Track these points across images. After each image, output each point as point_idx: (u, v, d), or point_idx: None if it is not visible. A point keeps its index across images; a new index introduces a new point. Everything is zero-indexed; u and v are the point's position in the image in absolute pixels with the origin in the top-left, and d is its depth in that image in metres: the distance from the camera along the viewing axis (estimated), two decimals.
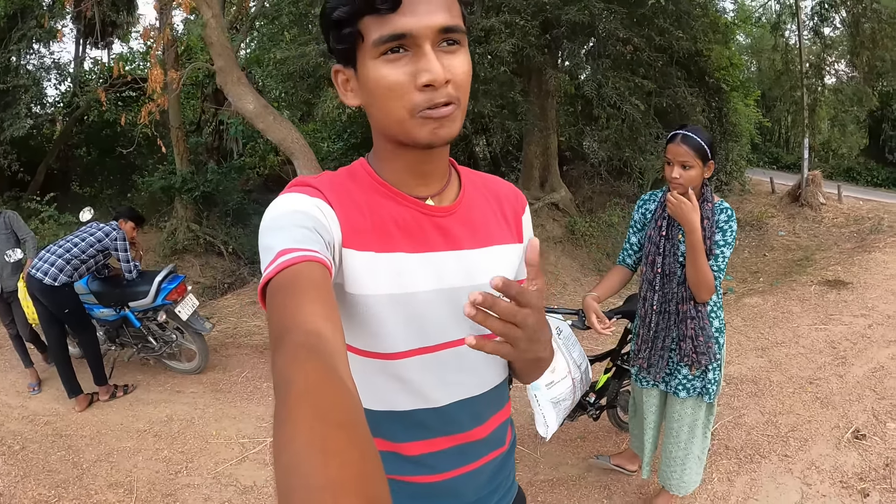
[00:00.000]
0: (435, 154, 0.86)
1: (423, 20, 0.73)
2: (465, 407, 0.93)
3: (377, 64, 0.76)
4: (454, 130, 0.80)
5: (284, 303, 0.63)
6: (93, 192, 13.30)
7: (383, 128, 0.83)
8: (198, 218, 10.89)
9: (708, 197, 2.16)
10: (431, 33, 0.73)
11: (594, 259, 9.14)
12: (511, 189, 1.04)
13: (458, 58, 0.77)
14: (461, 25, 0.77)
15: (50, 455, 3.49)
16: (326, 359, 0.55)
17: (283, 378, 0.51)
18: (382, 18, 0.73)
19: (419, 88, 0.75)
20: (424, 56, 0.74)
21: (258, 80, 10.16)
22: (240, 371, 4.73)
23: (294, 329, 0.59)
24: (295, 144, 5.66)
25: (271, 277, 0.67)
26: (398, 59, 0.75)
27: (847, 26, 11.14)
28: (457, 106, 0.78)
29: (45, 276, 3.86)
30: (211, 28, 5.57)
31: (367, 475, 0.43)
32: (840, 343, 4.41)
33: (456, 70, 0.76)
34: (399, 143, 0.83)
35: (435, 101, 0.75)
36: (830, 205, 10.73)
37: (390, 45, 0.74)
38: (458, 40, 0.77)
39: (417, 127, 0.78)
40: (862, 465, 2.86)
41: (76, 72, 13.67)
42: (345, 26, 0.76)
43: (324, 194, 0.83)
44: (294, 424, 0.45)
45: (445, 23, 0.74)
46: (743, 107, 13.16)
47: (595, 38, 8.23)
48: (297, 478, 0.41)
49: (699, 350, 2.20)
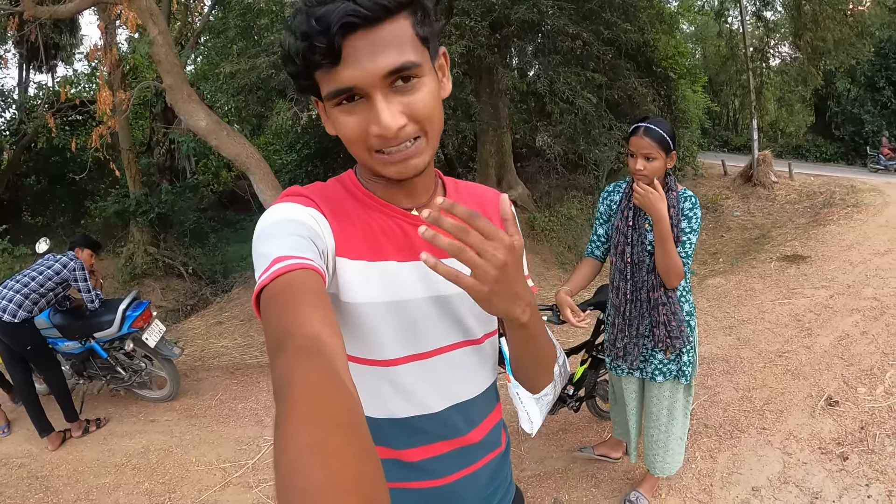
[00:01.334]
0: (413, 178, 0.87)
1: (366, 69, 0.72)
2: (459, 411, 0.95)
3: (336, 112, 0.77)
4: (422, 163, 0.80)
5: (281, 308, 0.63)
6: (45, 222, 12.88)
7: (357, 160, 0.86)
8: (155, 241, 10.69)
9: (672, 186, 2.20)
10: (378, 80, 0.72)
11: (556, 253, 9.27)
12: (494, 194, 1.05)
13: (417, 93, 0.76)
14: (412, 61, 0.74)
15: (28, 499, 3.36)
16: (326, 361, 0.55)
17: (282, 380, 0.51)
18: (329, 72, 0.73)
19: (374, 135, 0.76)
20: (374, 106, 0.74)
21: (207, 96, 9.99)
22: (213, 394, 4.64)
23: (293, 333, 0.59)
24: (250, 159, 5.58)
25: (266, 284, 0.67)
26: (354, 107, 0.76)
27: (788, 9, 11.52)
28: (422, 138, 0.79)
29: (4, 314, 3.71)
30: (158, 45, 5.45)
31: (367, 476, 0.43)
32: (804, 315, 4.57)
33: (416, 106, 0.75)
34: (374, 174, 0.85)
35: (390, 147, 0.76)
36: (782, 182, 11.09)
37: (341, 97, 0.75)
38: (413, 75, 0.75)
39: (381, 166, 0.79)
40: (838, 431, 2.96)
41: (21, 98, 13.22)
42: (300, 79, 0.78)
43: (317, 204, 0.84)
44: (294, 426, 0.45)
45: (392, 65, 0.72)
46: (691, 93, 13.51)
47: (544, 35, 8.34)
48: (296, 478, 0.41)
49: (672, 335, 2.25)
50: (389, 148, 0.77)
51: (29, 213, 13.59)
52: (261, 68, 7.29)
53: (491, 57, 7.94)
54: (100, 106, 5.83)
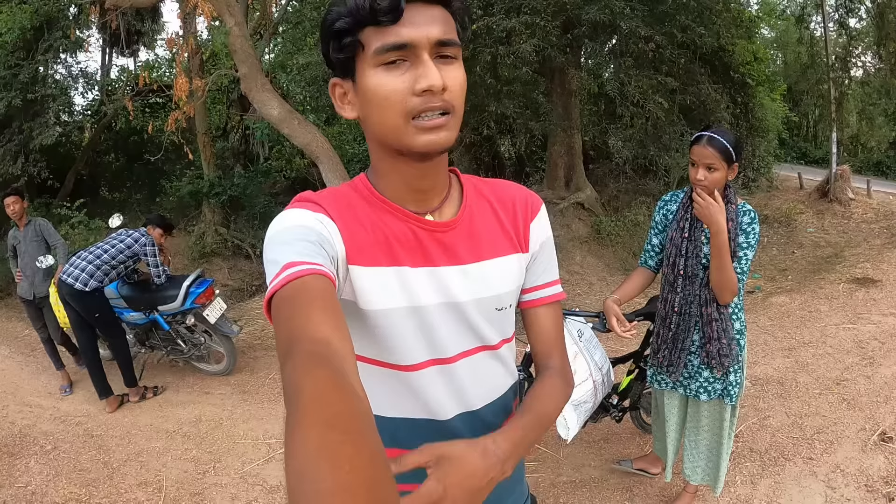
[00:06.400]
0: (432, 168, 0.87)
1: (422, 31, 0.76)
2: (467, 421, 0.95)
3: (377, 72, 0.78)
4: (449, 139, 0.81)
5: (291, 314, 0.64)
6: (122, 198, 13.54)
7: (380, 137, 0.84)
8: (225, 221, 11.03)
9: (731, 199, 2.14)
10: (429, 44, 0.76)
11: (620, 258, 9.07)
12: (523, 195, 1.02)
13: (453, 70, 0.80)
14: (456, 40, 0.80)
15: (81, 455, 3.59)
16: (336, 366, 0.56)
17: (293, 386, 0.52)
18: (383, 29, 0.76)
19: (417, 94, 0.77)
20: (423, 64, 0.77)
21: (283, 85, 10.28)
22: (267, 373, 4.80)
23: (303, 338, 0.60)
24: (319, 148, 5.73)
25: (277, 290, 0.69)
26: (397, 68, 0.78)
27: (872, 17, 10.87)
28: (451, 115, 0.80)
29: (77, 282, 3.97)
30: (234, 36, 5.66)
31: (377, 480, 0.44)
32: (868, 343, 4.32)
33: (452, 81, 0.79)
34: (396, 154, 0.84)
35: (431, 105, 0.78)
36: (860, 200, 10.46)
37: (391, 55, 0.76)
38: (453, 55, 0.80)
39: (412, 135, 0.80)
40: (888, 469, 2.80)
41: (103, 80, 13.91)
42: (346, 36, 0.78)
43: (326, 210, 0.85)
44: (304, 430, 0.46)
45: (443, 35, 0.77)
46: (769, 101, 12.90)
47: (616, 36, 8.17)
48: (307, 483, 0.42)
49: (722, 353, 2.18)
50: (428, 111, 0.78)
51: (107, 189, 14.28)
52: None
53: (562, 57, 7.84)
54: (176, 92, 6.11)
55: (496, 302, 0.95)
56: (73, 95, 13.01)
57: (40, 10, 9.69)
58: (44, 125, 10.49)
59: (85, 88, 13.46)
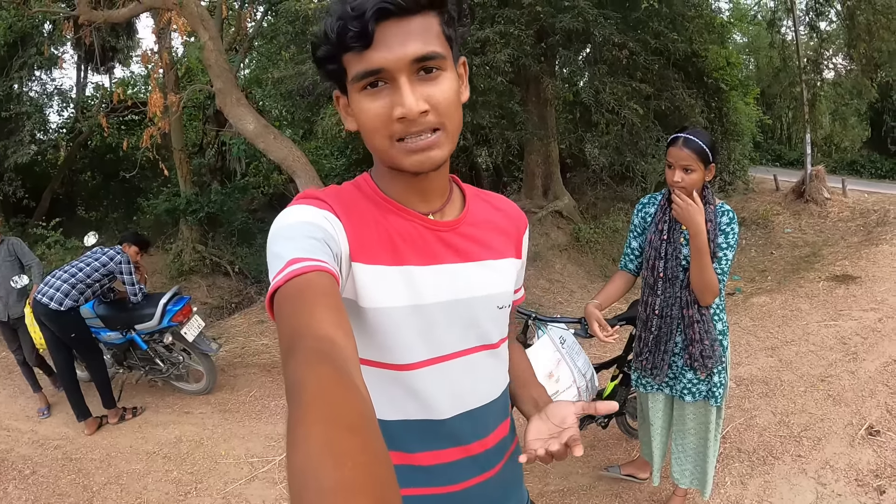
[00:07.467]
0: (430, 175, 0.87)
1: (395, 53, 0.74)
2: (468, 419, 0.95)
3: (360, 97, 0.79)
4: (441, 156, 0.81)
5: (295, 310, 0.64)
6: (98, 217, 13.40)
7: (374, 154, 0.86)
8: (203, 239, 10.93)
9: (710, 199, 2.14)
10: (405, 65, 0.75)
11: (600, 265, 9.12)
12: (515, 209, 1.07)
13: (439, 85, 0.78)
14: (438, 52, 0.77)
15: (60, 479, 3.49)
16: (339, 363, 0.55)
17: (295, 382, 0.52)
18: (359, 55, 0.75)
19: (396, 120, 0.77)
20: (398, 89, 0.76)
21: (258, 100, 10.22)
22: (248, 390, 4.72)
23: (306, 335, 0.59)
24: (297, 163, 5.69)
25: (280, 286, 0.68)
26: (378, 92, 0.77)
27: (842, 19, 11.11)
28: (442, 131, 0.80)
29: (52, 301, 3.88)
30: (209, 50, 5.62)
31: (379, 477, 0.43)
32: (850, 339, 4.37)
33: (436, 98, 0.78)
34: (391, 168, 0.85)
35: (410, 132, 0.77)
36: (835, 199, 10.65)
37: (368, 80, 0.76)
38: (437, 66, 0.78)
39: (401, 156, 0.80)
40: (877, 462, 2.82)
41: (78, 98, 13.78)
42: (329, 63, 0.80)
43: (332, 207, 0.85)
44: (306, 427, 0.46)
45: (419, 52, 0.75)
46: (743, 105, 13.12)
47: (590, 44, 8.25)
48: (309, 479, 0.41)
49: (705, 354, 2.18)
50: (411, 136, 0.78)
51: (83, 207, 14.14)
52: (308, 74, 7.41)
53: (537, 66, 7.89)
54: (150, 108, 6.03)
55: (499, 300, 0.97)
56: (48, 113, 12.92)
57: (14, 27, 9.58)
58: (19, 143, 10.35)
59: (60, 106, 13.35)
